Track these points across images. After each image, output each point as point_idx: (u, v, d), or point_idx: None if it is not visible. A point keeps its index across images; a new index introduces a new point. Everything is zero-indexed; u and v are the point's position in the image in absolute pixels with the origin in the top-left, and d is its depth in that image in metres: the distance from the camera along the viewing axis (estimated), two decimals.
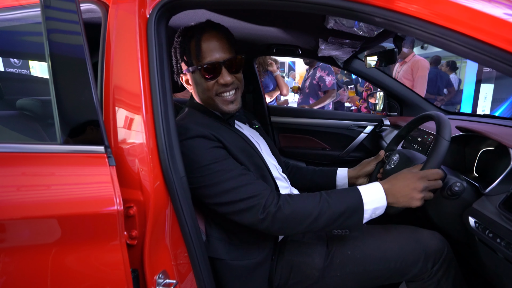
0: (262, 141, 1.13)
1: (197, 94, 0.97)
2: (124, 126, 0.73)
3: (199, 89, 0.95)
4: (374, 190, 0.84)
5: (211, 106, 0.98)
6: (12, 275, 0.65)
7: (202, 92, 0.95)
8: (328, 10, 0.71)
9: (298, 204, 0.82)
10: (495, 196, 0.83)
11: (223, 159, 0.85)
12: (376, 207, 0.82)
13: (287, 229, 0.84)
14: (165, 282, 0.74)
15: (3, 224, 0.64)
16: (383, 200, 0.83)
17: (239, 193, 0.82)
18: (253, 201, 0.81)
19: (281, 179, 1.07)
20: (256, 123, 1.17)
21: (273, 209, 0.80)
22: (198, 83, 0.94)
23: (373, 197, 0.83)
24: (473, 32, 0.58)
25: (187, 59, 0.92)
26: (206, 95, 0.94)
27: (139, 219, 0.72)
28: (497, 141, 0.99)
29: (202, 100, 0.98)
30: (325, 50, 1.58)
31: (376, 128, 2.10)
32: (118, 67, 0.74)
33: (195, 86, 0.96)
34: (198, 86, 0.94)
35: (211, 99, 0.94)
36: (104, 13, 0.77)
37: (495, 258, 0.81)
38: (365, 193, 0.83)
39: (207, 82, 0.92)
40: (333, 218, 0.82)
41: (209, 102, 0.96)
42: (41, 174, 0.69)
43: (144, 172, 0.72)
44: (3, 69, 1.96)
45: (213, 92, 0.93)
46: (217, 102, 0.94)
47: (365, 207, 0.82)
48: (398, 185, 0.83)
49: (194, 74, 0.93)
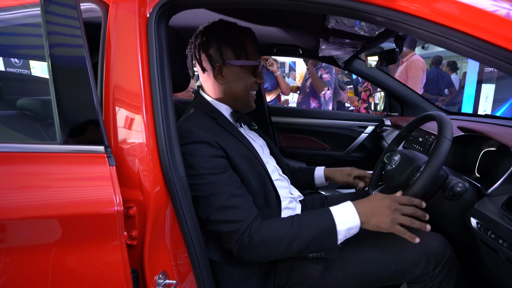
0: (263, 142, 1.13)
1: (232, 88, 0.96)
2: (124, 126, 0.73)
3: (239, 84, 0.95)
4: (346, 210, 0.84)
5: (240, 102, 0.99)
6: (12, 276, 0.65)
7: (243, 86, 0.96)
8: (329, 9, 0.70)
9: (268, 232, 0.80)
10: (497, 197, 0.83)
11: (222, 171, 0.84)
12: (349, 227, 0.82)
13: (258, 258, 0.83)
14: (165, 283, 0.74)
15: (3, 224, 0.64)
16: (356, 220, 0.82)
17: (225, 214, 0.81)
18: (233, 227, 0.80)
19: (281, 179, 1.07)
20: (254, 124, 1.17)
21: (246, 239, 0.80)
22: (241, 77, 0.95)
23: (345, 217, 0.83)
24: (475, 31, 0.57)
25: (239, 51, 0.92)
26: (245, 90, 0.97)
27: (139, 219, 0.71)
28: (499, 142, 0.98)
29: (234, 95, 0.97)
30: (325, 50, 1.57)
31: (377, 129, 2.09)
32: (118, 67, 0.74)
33: (234, 80, 0.95)
34: (240, 80, 0.95)
35: (246, 94, 0.98)
36: (104, 12, 0.77)
37: (497, 260, 0.80)
38: (338, 214, 0.83)
39: (252, 78, 0.96)
40: (306, 243, 0.81)
41: (241, 97, 0.98)
42: (41, 174, 0.68)
43: (144, 172, 0.71)
44: (3, 69, 1.96)
45: (251, 88, 0.98)
46: (249, 98, 1.00)
47: (338, 228, 0.81)
48: (370, 204, 0.84)
49: (242, 68, 0.94)
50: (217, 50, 0.92)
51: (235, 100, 0.98)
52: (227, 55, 0.92)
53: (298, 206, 1.11)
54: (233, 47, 0.92)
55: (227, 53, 0.92)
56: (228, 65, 0.93)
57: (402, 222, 0.81)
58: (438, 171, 0.85)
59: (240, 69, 0.94)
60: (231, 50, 0.92)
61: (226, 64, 0.93)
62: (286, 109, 2.61)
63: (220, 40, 0.92)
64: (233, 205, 0.81)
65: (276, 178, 1.03)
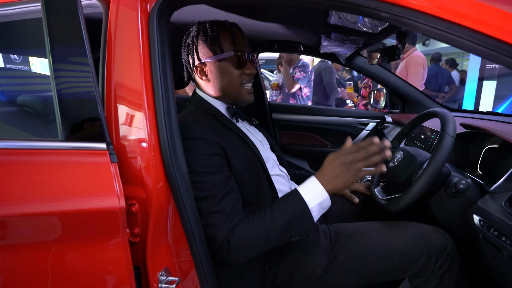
0: (263, 138, 1.12)
1: (217, 85, 0.95)
2: (126, 122, 0.72)
3: (223, 79, 0.94)
4: (312, 185, 0.83)
5: (230, 98, 0.98)
6: (14, 273, 0.65)
7: (227, 81, 0.94)
8: (334, 5, 0.70)
9: (243, 234, 0.80)
10: (500, 194, 0.83)
11: (217, 171, 0.83)
12: (320, 201, 0.81)
13: (241, 259, 0.82)
14: (168, 280, 0.74)
15: (5, 221, 0.64)
16: (323, 192, 0.81)
17: (210, 219, 0.81)
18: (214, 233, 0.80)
19: (280, 175, 1.06)
20: (255, 120, 1.16)
21: (225, 246, 0.79)
22: (224, 72, 0.93)
23: (313, 193, 0.82)
24: (480, 27, 0.57)
25: (215, 47, 0.91)
26: (232, 84, 0.95)
27: (141, 216, 0.71)
28: (501, 138, 0.98)
29: (222, 91, 0.96)
30: (327, 46, 1.57)
31: (378, 125, 2.09)
32: (120, 63, 0.73)
33: (218, 76, 0.94)
34: (223, 75, 0.94)
35: (236, 89, 0.96)
36: (105, 8, 0.76)
37: (499, 257, 0.80)
38: (305, 192, 0.82)
39: (236, 70, 0.94)
40: (283, 231, 0.81)
41: (230, 93, 0.97)
42: (43, 171, 0.68)
43: (146, 169, 0.71)
44: (3, 66, 1.95)
45: (239, 82, 0.96)
46: (241, 92, 0.97)
47: (310, 205, 0.81)
48: (328, 170, 0.82)
49: (221, 62, 0.93)
50: (195, 51, 0.94)
51: (226, 95, 0.98)
52: (203, 53, 0.93)
53: None
54: (207, 44, 0.92)
55: (202, 51, 0.93)
56: (208, 62, 0.94)
57: (361, 167, 0.80)
58: (441, 168, 0.85)
59: (219, 64, 0.93)
60: (207, 47, 0.92)
61: (204, 63, 0.94)
62: (287, 106, 2.60)
63: (195, 41, 0.94)
64: (219, 210, 0.81)
65: (275, 173, 1.03)
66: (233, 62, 0.93)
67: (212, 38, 0.91)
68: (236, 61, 0.93)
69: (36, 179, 0.68)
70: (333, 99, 3.89)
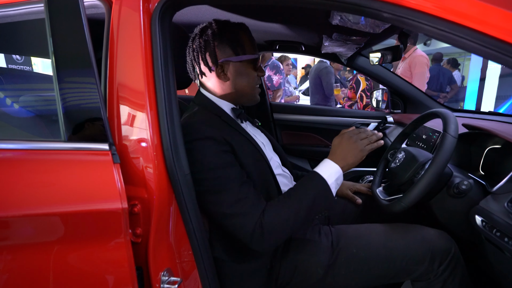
0: (265, 139, 1.12)
1: (237, 85, 0.97)
2: (128, 123, 0.73)
3: (243, 80, 0.96)
4: (327, 165, 0.91)
5: (246, 97, 1.00)
6: (16, 273, 0.65)
7: (247, 82, 0.97)
8: (336, 5, 0.69)
9: (275, 217, 0.83)
10: (502, 195, 0.82)
11: (230, 165, 0.85)
12: (336, 178, 0.89)
13: (274, 243, 0.86)
14: (170, 280, 0.74)
15: (8, 222, 0.64)
16: (337, 169, 0.90)
17: (237, 207, 0.82)
18: (245, 220, 0.81)
19: (283, 175, 1.07)
20: (257, 121, 1.17)
21: (258, 230, 0.81)
22: (242, 73, 0.96)
23: (330, 171, 0.89)
24: (483, 27, 0.57)
25: (238, 48, 0.93)
26: (250, 85, 0.98)
27: (143, 216, 0.71)
28: (504, 139, 0.98)
29: (240, 91, 0.98)
30: (328, 46, 1.57)
31: (380, 126, 2.09)
32: (122, 64, 0.73)
33: (237, 76, 0.96)
34: (243, 76, 0.96)
35: (252, 89, 1.00)
36: (107, 8, 0.76)
37: (502, 258, 0.80)
38: (323, 171, 0.89)
39: (254, 72, 0.98)
40: (309, 209, 0.85)
41: (247, 93, 0.99)
42: (45, 172, 0.68)
43: (149, 169, 0.71)
44: (5, 66, 1.95)
45: (255, 83, 1.00)
46: (255, 92, 1.01)
47: (329, 182, 0.88)
48: (338, 150, 0.91)
49: (242, 63, 0.95)
50: (216, 49, 0.93)
51: (240, 95, 0.99)
52: (226, 52, 0.93)
53: None
54: (231, 44, 0.93)
55: (226, 50, 0.93)
56: (229, 62, 0.94)
57: (365, 143, 0.91)
58: (443, 168, 0.85)
59: (241, 65, 0.95)
60: (229, 47, 0.93)
61: (227, 62, 0.93)
62: (288, 106, 2.60)
63: (217, 40, 0.93)
64: (242, 197, 0.82)
65: (279, 173, 1.03)
66: (253, 64, 0.97)
67: (235, 39, 0.93)
68: (256, 63, 0.97)
69: (38, 179, 0.68)
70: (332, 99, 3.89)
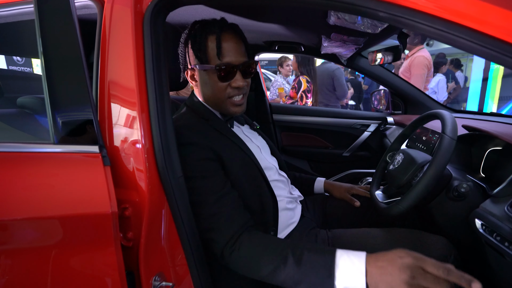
0: (262, 142, 1.10)
1: (203, 92, 0.94)
2: (119, 125, 0.71)
3: (207, 88, 0.91)
4: (354, 266, 0.65)
5: (216, 106, 0.95)
6: (5, 278, 0.64)
7: (211, 92, 0.91)
8: (331, 5, 0.68)
9: (252, 252, 0.75)
10: (503, 198, 0.81)
11: (210, 175, 0.82)
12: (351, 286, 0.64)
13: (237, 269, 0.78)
14: (161, 285, 0.73)
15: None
16: (360, 282, 0.64)
17: (210, 221, 0.79)
18: (217, 235, 0.78)
19: (280, 180, 1.05)
20: (256, 124, 1.14)
21: (230, 249, 0.77)
22: (208, 82, 0.90)
23: (349, 275, 0.65)
24: (481, 27, 0.55)
25: (200, 55, 0.87)
26: (215, 96, 0.91)
27: (134, 220, 0.70)
28: (505, 141, 0.96)
29: (207, 100, 0.95)
30: (327, 47, 1.55)
31: (380, 127, 2.07)
32: (113, 65, 0.72)
33: (203, 84, 0.92)
34: (207, 85, 0.91)
35: (219, 100, 0.92)
36: (99, 9, 0.75)
37: (502, 262, 0.78)
38: (341, 269, 0.66)
39: (220, 83, 0.89)
40: (291, 281, 0.70)
41: (216, 103, 0.94)
42: (34, 175, 0.67)
43: (140, 172, 0.70)
44: (6, 67, 1.94)
45: (225, 94, 0.90)
46: (226, 104, 0.92)
47: (336, 282, 0.65)
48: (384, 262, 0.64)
49: (206, 72, 0.89)
50: (187, 53, 0.92)
51: (212, 104, 0.96)
52: (192, 58, 0.91)
53: (298, 206, 1.09)
54: (196, 50, 0.88)
55: (192, 56, 0.91)
56: (195, 69, 0.91)
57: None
58: (442, 171, 0.83)
59: (205, 73, 0.90)
60: (194, 53, 0.89)
61: (192, 68, 0.92)
62: (288, 107, 2.59)
63: (187, 44, 0.91)
64: (216, 213, 0.79)
65: (275, 179, 1.02)
66: (218, 74, 0.87)
67: (199, 44, 0.87)
68: (220, 74, 0.87)
69: (26, 183, 0.67)
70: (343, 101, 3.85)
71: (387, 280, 0.62)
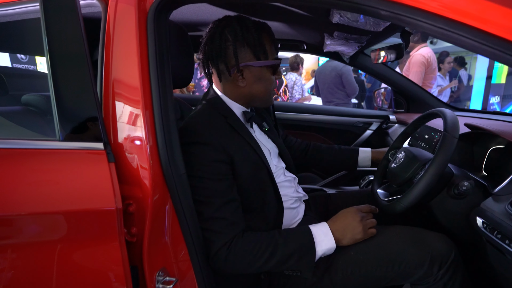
0: (272, 145, 1.09)
1: (255, 89, 0.92)
2: (123, 122, 0.72)
3: (261, 84, 0.92)
4: (324, 231, 0.89)
5: (262, 101, 0.97)
6: (7, 272, 0.65)
7: (265, 87, 0.93)
8: (333, 3, 0.69)
9: (247, 246, 0.82)
10: (504, 196, 0.81)
11: (220, 178, 0.83)
12: (327, 248, 0.87)
13: (235, 269, 0.84)
14: (165, 280, 0.74)
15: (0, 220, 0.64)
16: (332, 241, 0.88)
17: (211, 224, 0.81)
18: (215, 237, 0.81)
19: (287, 179, 1.05)
20: (265, 125, 1.12)
21: (224, 252, 0.80)
22: (262, 77, 0.91)
23: (323, 237, 0.87)
24: (483, 25, 0.55)
25: (259, 52, 0.87)
26: (267, 90, 0.95)
27: (138, 216, 0.71)
28: (507, 139, 0.96)
29: (257, 95, 0.94)
30: (330, 45, 1.55)
31: (382, 125, 2.07)
32: (117, 63, 0.73)
33: (256, 81, 0.91)
34: (261, 80, 0.92)
35: (269, 93, 0.96)
36: (104, 7, 0.76)
37: (503, 260, 0.79)
38: (317, 234, 0.87)
39: (271, 77, 0.94)
40: (284, 258, 0.83)
41: (264, 97, 0.96)
42: (39, 171, 0.68)
43: (143, 168, 0.71)
44: (10, 65, 1.96)
45: (273, 87, 0.97)
46: (270, 96, 0.98)
47: (317, 248, 0.86)
48: (340, 221, 0.91)
49: (261, 68, 0.90)
50: (236, 51, 0.86)
51: (255, 99, 0.96)
52: (246, 57, 0.87)
53: (301, 205, 1.09)
54: (252, 48, 0.86)
55: (246, 54, 0.87)
56: (248, 67, 0.89)
57: (370, 226, 0.92)
58: (443, 169, 0.83)
59: (260, 70, 0.90)
60: (250, 51, 0.87)
61: (247, 66, 0.89)
62: (290, 105, 2.59)
63: (238, 42, 0.86)
64: (220, 216, 0.81)
65: (282, 180, 1.02)
66: (273, 68, 0.92)
67: (257, 42, 0.86)
68: (276, 68, 0.93)
69: (32, 179, 0.68)
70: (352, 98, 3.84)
71: (349, 228, 0.90)
